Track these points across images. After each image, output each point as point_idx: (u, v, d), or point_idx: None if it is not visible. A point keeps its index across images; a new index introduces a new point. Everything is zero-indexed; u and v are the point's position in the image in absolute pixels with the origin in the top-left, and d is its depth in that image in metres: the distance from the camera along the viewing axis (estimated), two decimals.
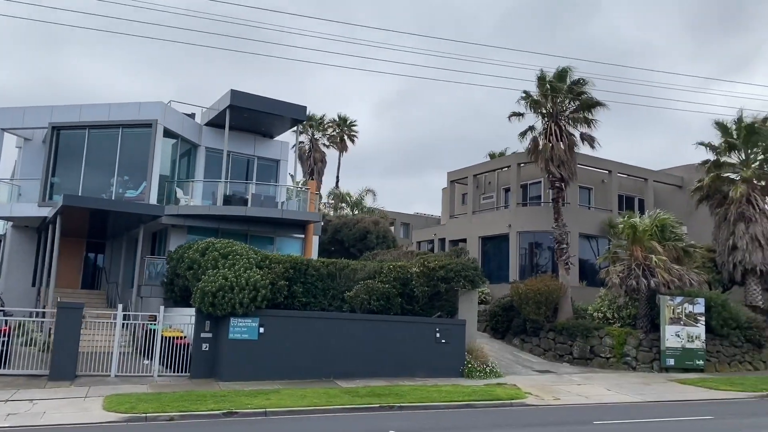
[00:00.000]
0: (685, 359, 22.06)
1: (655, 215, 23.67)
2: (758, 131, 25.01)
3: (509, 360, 22.91)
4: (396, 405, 14.40)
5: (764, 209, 24.67)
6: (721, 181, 25.95)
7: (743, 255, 24.55)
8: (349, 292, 19.02)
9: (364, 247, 25.47)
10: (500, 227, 30.90)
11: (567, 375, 20.59)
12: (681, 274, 22.07)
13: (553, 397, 16.35)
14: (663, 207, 33.96)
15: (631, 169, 33.50)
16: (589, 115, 25.31)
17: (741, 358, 23.29)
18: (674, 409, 15.03)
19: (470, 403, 15.06)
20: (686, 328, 22.22)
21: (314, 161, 51.16)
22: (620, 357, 22.39)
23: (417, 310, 20.03)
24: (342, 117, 55.98)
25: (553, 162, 24.84)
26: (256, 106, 24.00)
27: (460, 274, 19.90)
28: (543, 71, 25.32)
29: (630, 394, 17.26)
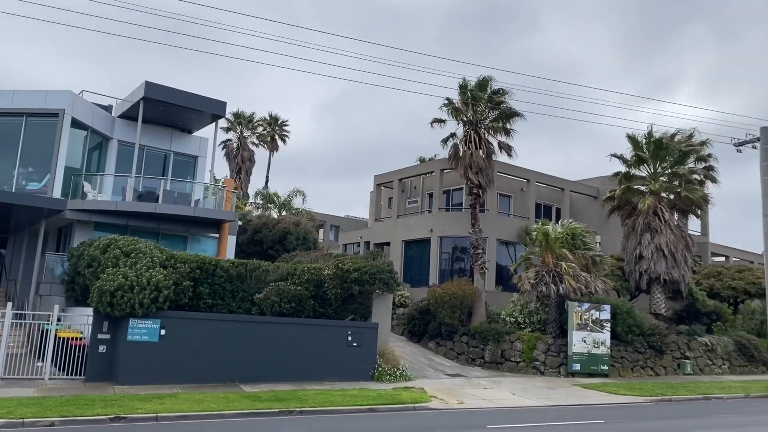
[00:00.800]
0: (590, 364, 22.76)
1: (567, 224, 24.36)
2: (666, 146, 26.17)
3: (422, 363, 23.03)
4: (297, 410, 14.15)
5: (669, 221, 25.80)
6: (631, 193, 27.00)
7: (648, 264, 25.58)
8: (260, 295, 18.60)
9: (283, 248, 25.06)
10: (423, 231, 31.13)
11: (476, 379, 20.85)
12: (588, 281, 22.78)
13: (457, 401, 16.47)
14: (579, 216, 35.17)
15: (549, 178, 34.47)
16: (507, 124, 25.82)
17: (644, 363, 24.25)
18: (572, 413, 15.42)
19: (373, 407, 14.98)
20: (592, 334, 22.95)
21: (242, 160, 50.24)
22: (530, 361, 22.88)
23: (330, 313, 19.80)
24: (273, 116, 55.19)
25: (471, 169, 25.19)
26: (172, 99, 23.22)
27: (374, 276, 19.80)
28: (465, 80, 25.68)
29: (533, 398, 17.61)
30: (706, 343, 25.89)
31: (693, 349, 25.50)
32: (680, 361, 24.86)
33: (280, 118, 55.34)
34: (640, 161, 26.82)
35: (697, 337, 25.96)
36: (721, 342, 26.31)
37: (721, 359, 26.00)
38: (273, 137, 54.99)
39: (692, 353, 25.37)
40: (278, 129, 55.40)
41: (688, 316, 28.15)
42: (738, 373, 25.82)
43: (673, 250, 25.44)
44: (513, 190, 34.39)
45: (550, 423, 13.51)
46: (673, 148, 26.21)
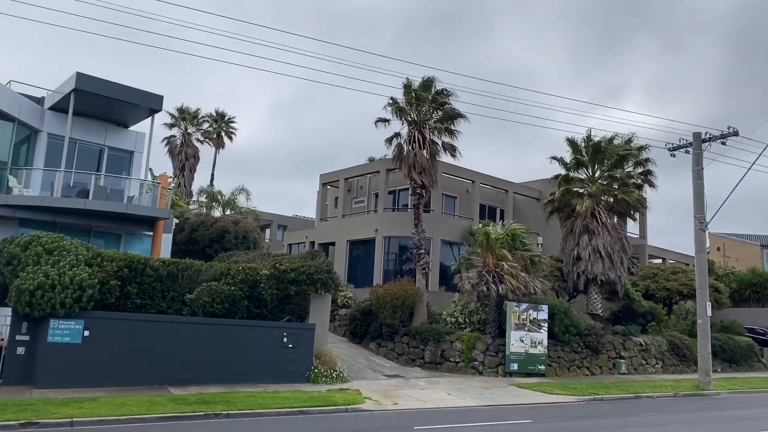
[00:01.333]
0: (528, 364, 22.99)
1: (508, 225, 24.58)
2: (604, 150, 26.70)
3: (362, 365, 22.83)
4: (224, 413, 13.74)
5: (606, 223, 26.31)
6: (570, 195, 27.44)
7: (586, 265, 26.04)
8: (191, 295, 18.07)
9: (221, 247, 24.47)
10: (368, 232, 30.95)
11: (414, 379, 20.77)
12: (527, 281, 23.02)
13: (391, 402, 16.34)
14: (522, 217, 35.64)
15: (494, 180, 34.81)
16: (451, 125, 25.87)
17: (580, 363, 24.65)
18: (504, 413, 15.47)
19: (304, 409, 14.70)
20: (530, 333, 23.19)
21: (186, 156, 49.07)
22: (468, 361, 22.96)
23: (266, 314, 19.40)
24: (219, 112, 54.14)
25: (415, 169, 25.14)
26: (105, 91, 22.38)
27: (312, 277, 19.50)
28: (409, 79, 25.62)
29: (468, 398, 17.63)
30: (641, 343, 26.53)
31: (628, 349, 26.09)
32: (616, 360, 25.39)
33: (226, 114, 54.35)
34: (578, 164, 27.30)
35: (633, 337, 26.58)
36: (655, 342, 27.01)
37: (654, 359, 26.68)
38: (219, 134, 53.95)
39: (627, 353, 25.95)
40: (224, 126, 54.37)
41: (624, 316, 28.81)
42: (670, 372, 26.55)
43: (609, 252, 25.97)
44: (458, 191, 34.58)
45: (479, 423, 13.49)
46: (611, 151, 26.77)
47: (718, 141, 23.02)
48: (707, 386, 21.70)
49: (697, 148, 23.26)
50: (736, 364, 29.03)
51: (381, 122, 25.68)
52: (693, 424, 14.31)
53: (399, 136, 26.12)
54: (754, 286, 38.93)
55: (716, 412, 16.53)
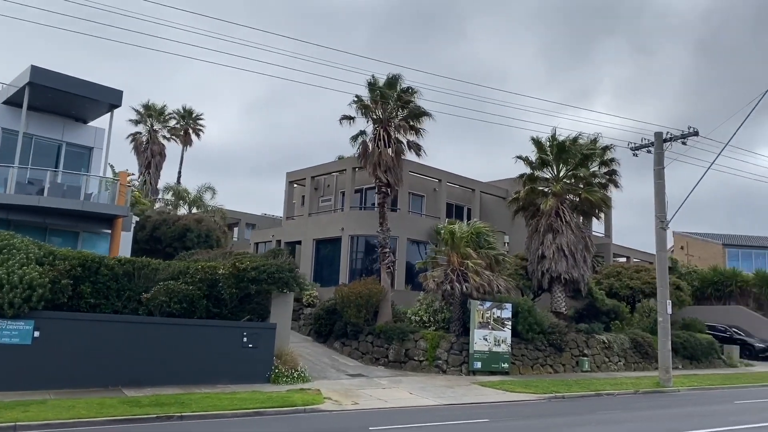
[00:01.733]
0: (491, 362, 23.02)
1: (473, 223, 24.59)
2: (568, 149, 26.89)
3: (325, 364, 22.62)
4: (176, 415, 13.44)
5: (570, 222, 26.50)
6: (535, 194, 27.58)
7: (550, 264, 26.19)
8: (147, 294, 17.66)
9: (182, 246, 24.01)
10: (334, 230, 30.73)
11: (377, 379, 20.64)
12: (491, 279, 23.04)
13: (351, 402, 16.18)
14: (490, 216, 35.78)
15: (461, 179, 34.86)
16: (416, 123, 25.83)
17: (543, 361, 24.77)
18: (463, 411, 15.42)
19: (260, 410, 14.47)
20: (494, 332, 23.22)
21: (152, 154, 48.25)
22: (432, 360, 22.90)
23: (225, 314, 19.05)
24: (187, 109, 53.36)
25: (380, 167, 25.03)
26: (62, 85, 21.85)
27: (273, 276, 19.22)
28: (375, 77, 25.50)
29: (430, 397, 17.55)
30: (604, 341, 26.78)
31: (591, 347, 26.31)
32: (579, 358, 25.59)
33: (194, 111, 53.62)
34: (543, 164, 27.46)
35: (596, 335, 26.82)
36: (618, 340, 27.30)
37: (617, 356, 26.96)
38: (187, 131, 53.20)
39: (590, 351, 26.17)
40: (192, 122, 53.62)
41: (588, 314, 29.07)
42: (633, 370, 26.86)
43: (573, 250, 26.16)
44: (426, 189, 34.56)
45: (436, 423, 13.41)
46: (575, 151, 26.97)
47: (678, 141, 23.32)
48: (667, 383, 21.98)
49: (659, 147, 23.54)
50: (697, 361, 29.50)
51: (346, 120, 25.51)
52: (648, 421, 14.41)
53: (364, 134, 26.01)
54: (716, 285, 39.68)
55: (673, 409, 16.71)
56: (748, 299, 38.77)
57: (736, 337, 35.24)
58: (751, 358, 33.97)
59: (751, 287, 38.76)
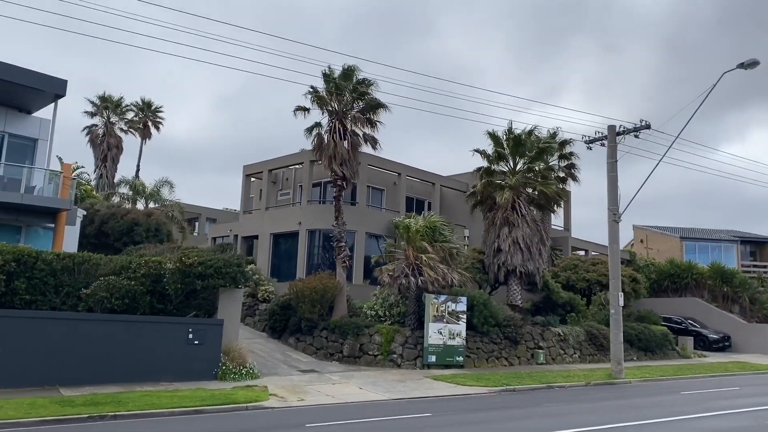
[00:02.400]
0: (446, 356, 22.92)
1: (428, 217, 24.43)
2: (524, 143, 26.90)
3: (277, 360, 22.24)
4: (110, 414, 12.98)
5: (526, 215, 26.53)
6: (492, 188, 27.52)
7: (506, 257, 26.19)
8: (86, 290, 17.07)
9: (130, 240, 23.33)
10: (291, 224, 30.29)
11: (329, 374, 20.35)
12: (445, 273, 22.93)
13: (297, 399, 15.87)
14: (450, 210, 35.73)
15: (421, 173, 34.69)
16: (373, 116, 25.48)
17: (499, 354, 24.78)
18: (409, 406, 15.23)
19: (200, 408, 14.07)
20: (449, 325, 23.11)
21: (108, 147, 47.15)
22: (387, 355, 22.70)
23: (171, 310, 18.57)
24: (146, 101, 52.24)
25: (335, 160, 24.65)
26: (2, 74, 20.97)
27: (220, 271, 18.77)
28: (331, 68, 25.07)
29: (380, 392, 17.34)
30: (559, 333, 26.91)
31: (546, 339, 26.41)
32: (534, 351, 25.66)
33: (153, 103, 52.53)
34: (499, 157, 27.43)
35: (551, 327, 26.94)
36: (573, 332, 27.46)
37: (572, 348, 27.13)
38: (145, 124, 52.09)
39: (546, 343, 26.27)
40: (151, 115, 52.53)
41: (545, 307, 29.21)
42: (588, 362, 27.04)
43: (528, 244, 26.20)
44: (386, 183, 34.33)
45: (378, 418, 13.20)
46: (531, 144, 26.98)
47: (631, 134, 23.47)
48: (619, 375, 22.15)
49: (612, 140, 23.65)
50: (651, 353, 29.87)
51: (300, 111, 25.01)
52: (591, 413, 14.41)
53: (319, 126, 25.55)
54: (672, 277, 40.31)
55: (620, 400, 16.78)
56: (703, 291, 39.49)
57: (691, 329, 35.86)
58: (705, 348, 34.59)
59: (706, 279, 39.47)
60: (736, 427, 12.64)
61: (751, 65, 19.86)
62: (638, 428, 12.16)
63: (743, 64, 19.95)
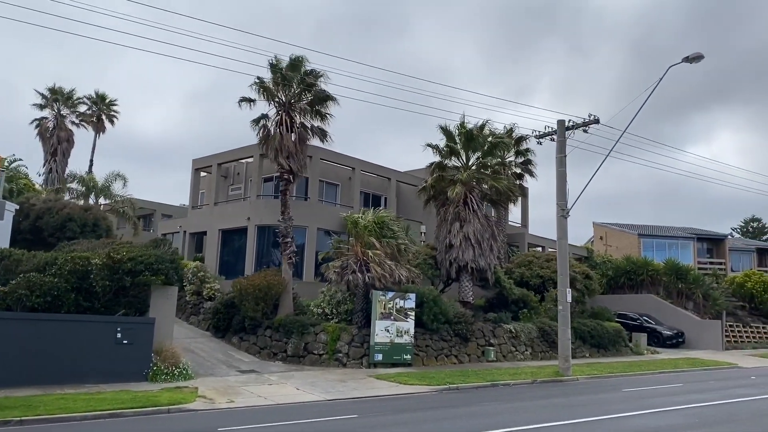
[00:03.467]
0: (393, 354, 22.40)
1: (376, 212, 23.88)
2: (475, 137, 26.49)
3: (218, 360, 21.47)
4: (16, 419, 12.16)
5: (477, 210, 26.15)
6: (445, 183, 27.05)
7: (457, 253, 25.77)
8: (4, 287, 16.13)
9: (64, 236, 22.31)
10: (240, 220, 29.42)
11: (269, 374, 19.66)
12: (393, 269, 22.39)
13: (227, 400, 15.18)
14: (407, 206, 35.27)
15: (376, 167, 34.10)
16: (322, 108, 24.82)
17: (449, 351, 24.34)
18: (344, 406, 14.66)
19: (117, 411, 13.30)
20: (396, 323, 22.59)
21: (59, 140, 45.49)
22: (332, 354, 22.08)
23: (98, 308, 17.72)
24: (100, 94, 50.61)
25: (281, 153, 23.94)
26: None
27: (151, 267, 17.98)
28: (278, 58, 24.33)
29: (317, 392, 16.73)
30: (511, 330, 26.62)
31: (498, 336, 26.08)
32: (485, 348, 25.30)
33: (107, 96, 50.91)
34: (451, 152, 26.99)
35: (503, 324, 26.62)
36: (525, 329, 27.19)
37: (524, 345, 26.85)
38: (99, 117, 50.49)
39: (497, 340, 25.93)
40: (105, 108, 50.92)
41: (498, 303, 28.88)
42: (539, 359, 26.80)
43: (480, 239, 25.83)
44: (341, 178, 33.67)
45: (300, 420, 12.58)
46: (483, 139, 26.60)
47: (580, 128, 23.22)
48: (566, 372, 21.88)
49: (561, 135, 23.37)
50: (604, 350, 29.79)
51: (245, 102, 24.22)
52: (524, 412, 13.98)
53: (266, 118, 24.80)
54: (629, 274, 40.45)
55: (560, 398, 16.43)
56: (658, 288, 39.70)
57: (645, 325, 35.99)
58: (659, 345, 34.73)
59: (661, 276, 39.70)
60: (662, 426, 12.31)
61: (696, 59, 19.72)
62: (566, 428, 11.77)
63: (688, 58, 19.81)
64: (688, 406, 14.81)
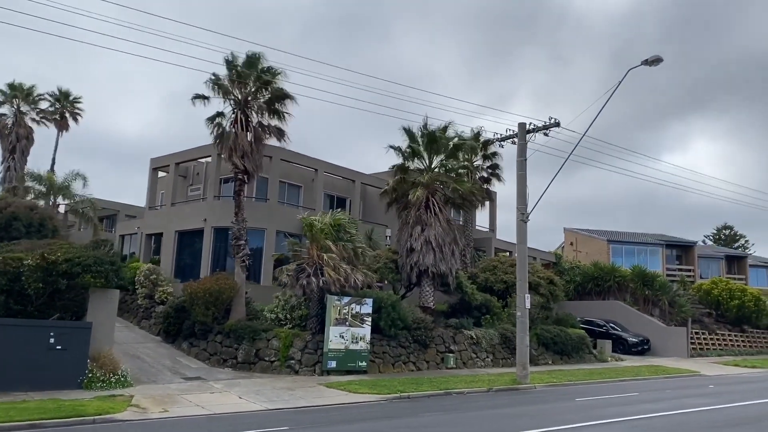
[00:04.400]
0: (348, 361, 21.75)
1: (333, 215, 23.22)
2: (438, 139, 26.01)
3: (163, 366, 20.61)
4: None
5: (439, 214, 25.65)
6: (407, 186, 26.54)
7: (418, 257, 25.23)
8: None
9: (9, 236, 21.34)
10: (197, 221, 28.58)
11: (214, 382, 18.87)
12: (348, 273, 21.76)
13: (161, 410, 14.40)
14: (373, 209, 34.66)
15: (340, 169, 33.47)
16: (280, 107, 24.13)
17: (407, 358, 23.75)
18: (283, 416, 14.00)
19: (38, 422, 12.49)
20: (351, 329, 21.95)
21: (18, 138, 44.14)
22: (284, 360, 21.35)
23: (32, 311, 16.86)
24: (63, 91, 49.25)
25: (236, 152, 23.20)
26: None
27: (89, 269, 17.14)
28: (234, 54, 23.59)
29: (260, 401, 16.02)
30: (472, 336, 26.12)
31: (458, 343, 25.57)
32: (444, 355, 24.77)
33: (71, 93, 49.62)
34: (414, 154, 26.47)
35: (464, 330, 26.12)
36: (486, 335, 26.71)
37: (485, 352, 26.36)
38: (63, 114, 49.20)
39: (457, 347, 25.41)
40: (69, 105, 49.61)
41: (461, 309, 28.38)
42: (500, 366, 26.31)
43: (441, 243, 25.31)
44: (304, 180, 32.97)
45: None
46: (446, 141, 26.12)
47: (541, 132, 22.84)
48: (524, 380, 21.41)
49: (522, 138, 22.96)
50: (567, 357, 29.44)
51: (199, 99, 23.42)
52: (464, 424, 13.28)
53: (222, 116, 24.04)
54: (596, 280, 40.27)
55: (510, 408, 15.93)
56: (625, 294, 39.56)
57: (612, 332, 35.77)
58: (625, 352, 34.53)
59: (628, 282, 39.57)
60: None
61: (655, 62, 19.47)
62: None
63: (647, 61, 19.55)
64: (637, 417, 14.34)
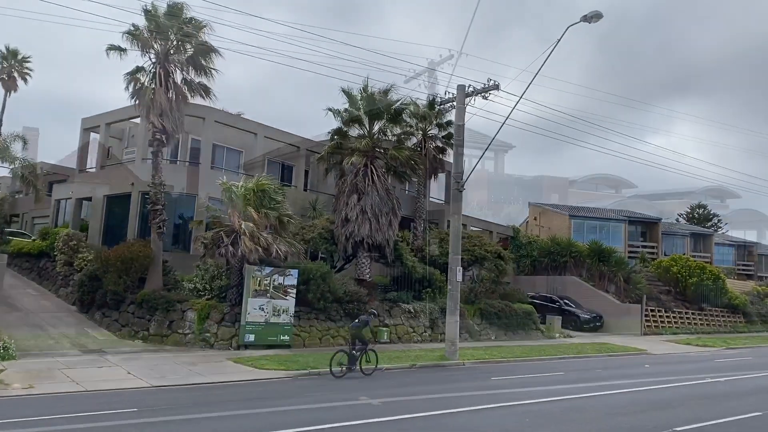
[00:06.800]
0: (268, 335, 20.49)
1: (257, 180, 21.71)
2: (378, 102, 24.49)
3: (65, 338, 19.29)
4: None
5: (377, 182, 24.27)
6: (345, 152, 25.06)
7: (354, 227, 23.90)
8: None
9: None
10: (125, 186, 26.93)
11: (113, 356, 17.55)
12: (269, 243, 20.37)
13: (27, 386, 13.10)
14: (320, 177, 33.12)
15: (282, 134, 31.75)
16: (205, 62, 22.44)
17: (336, 332, 22.56)
18: (162, 395, 12.77)
19: None
20: (273, 301, 20.65)
21: None
22: (199, 333, 20.07)
23: None
24: (12, 50, 46.95)
25: (153, 110, 21.56)
26: None
27: None
28: (154, 4, 21.79)
29: (149, 378, 14.69)
30: (410, 311, 25.02)
31: (394, 317, 24.45)
32: (377, 329, 23.59)
33: (20, 52, 47.29)
34: (353, 118, 24.93)
35: (402, 304, 24.99)
36: (426, 309, 25.60)
37: (423, 326, 25.28)
38: (11, 74, 46.89)
39: (393, 320, 24.31)
40: (17, 65, 47.31)
41: (403, 282, 27.16)
42: (438, 341, 25.14)
43: (377, 213, 23.98)
44: (245, 145, 31.28)
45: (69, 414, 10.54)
46: (387, 105, 24.60)
47: (480, 95, 21.39)
48: (452, 356, 20.29)
49: (461, 101, 21.49)
50: (512, 332, 28.47)
51: (114, 51, 21.61)
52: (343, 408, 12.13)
53: (143, 71, 22.31)
54: (552, 255, 39.27)
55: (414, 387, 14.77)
56: (581, 270, 38.64)
57: (564, 308, 34.92)
58: (577, 329, 33.71)
59: (585, 258, 38.61)
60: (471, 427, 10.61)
61: (595, 17, 18.15)
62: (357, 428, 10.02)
63: (586, 17, 18.21)
64: (542, 400, 13.17)
